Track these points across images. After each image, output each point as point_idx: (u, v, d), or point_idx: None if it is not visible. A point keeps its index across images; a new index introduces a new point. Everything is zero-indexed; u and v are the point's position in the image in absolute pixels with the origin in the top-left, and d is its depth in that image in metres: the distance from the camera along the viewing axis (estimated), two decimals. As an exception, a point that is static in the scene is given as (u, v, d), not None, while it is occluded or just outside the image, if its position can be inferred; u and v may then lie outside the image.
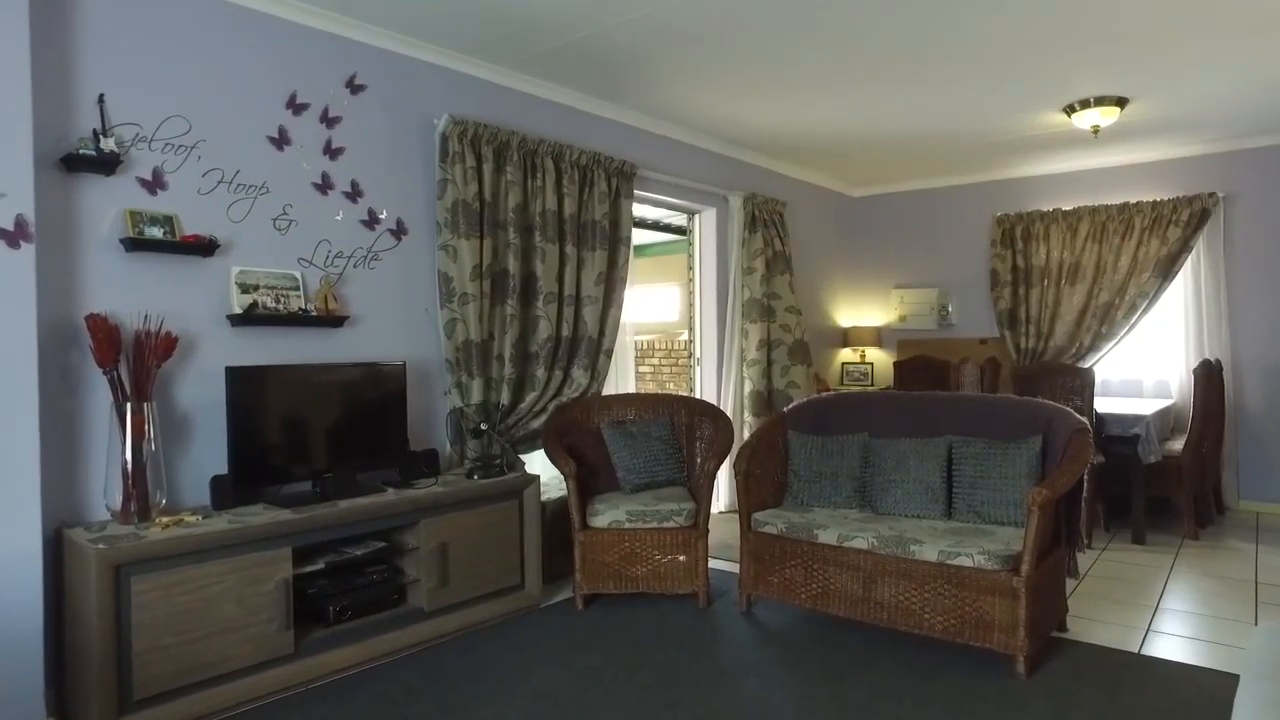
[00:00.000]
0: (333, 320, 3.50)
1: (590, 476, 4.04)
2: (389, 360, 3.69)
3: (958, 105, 4.84)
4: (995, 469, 3.41)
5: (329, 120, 3.54)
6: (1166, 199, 5.87)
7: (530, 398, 4.13)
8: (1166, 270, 5.82)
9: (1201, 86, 4.49)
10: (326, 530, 3.04)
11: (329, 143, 3.54)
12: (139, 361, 2.81)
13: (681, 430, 4.26)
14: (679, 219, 5.98)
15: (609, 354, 4.55)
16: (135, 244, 2.89)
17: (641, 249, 8.51)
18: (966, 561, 3.00)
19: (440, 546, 3.40)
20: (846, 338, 7.38)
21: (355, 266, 3.66)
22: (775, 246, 5.97)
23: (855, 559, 3.28)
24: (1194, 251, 5.81)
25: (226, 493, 2.99)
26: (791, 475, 3.88)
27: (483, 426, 3.77)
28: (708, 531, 3.75)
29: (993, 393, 5.88)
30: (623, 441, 4.05)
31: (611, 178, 4.66)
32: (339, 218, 3.59)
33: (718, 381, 5.78)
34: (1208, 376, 4.99)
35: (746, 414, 5.72)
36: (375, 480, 3.49)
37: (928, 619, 3.11)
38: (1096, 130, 4.82)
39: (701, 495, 3.78)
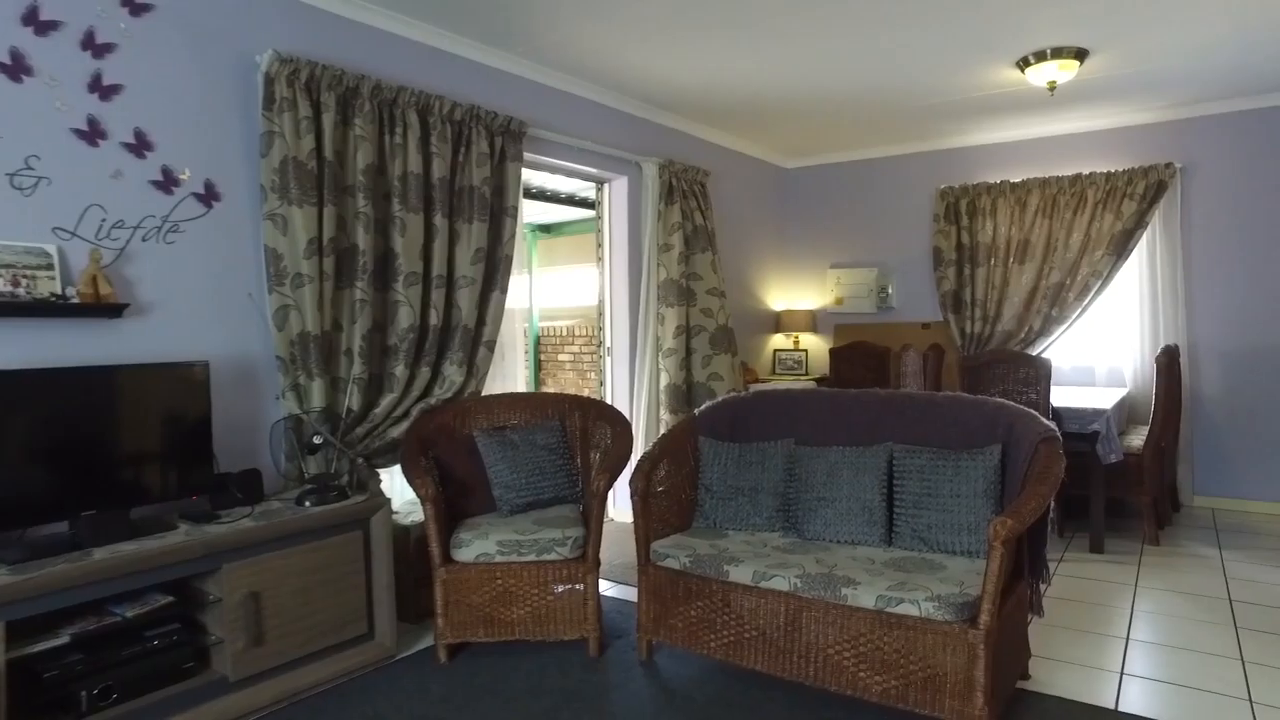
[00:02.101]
0: (107, 309, 2.69)
1: (461, 496, 3.32)
2: (189, 359, 2.90)
3: (899, 57, 4.20)
4: (945, 485, 2.79)
5: (96, 47, 2.71)
6: (1121, 170, 5.36)
7: (387, 401, 3.38)
8: (1121, 247, 5.32)
9: (1169, 36, 3.93)
10: (71, 591, 2.26)
11: (98, 77, 2.72)
12: None
13: (575, 437, 3.56)
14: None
15: (491, 346, 3.81)
16: None
17: (560, 227, 7.79)
18: (911, 609, 2.37)
19: (250, 596, 2.65)
20: (779, 322, 6.76)
21: (145, 240, 2.85)
22: (696, 220, 5.28)
23: (775, 603, 2.63)
24: (1150, 227, 5.33)
25: (-80, 546, 2.19)
26: (703, 491, 3.22)
27: (316, 440, 3.01)
28: (599, 563, 3.07)
29: (936, 383, 5.32)
30: (500, 453, 3.33)
31: (495, 136, 3.90)
32: (117, 176, 2.77)
33: (630, 374, 5.08)
34: (1169, 365, 4.49)
35: (663, 411, 5.04)
36: (171, 514, 2.72)
37: (863, 678, 2.48)
38: (1053, 87, 4.24)
39: (593, 519, 3.09)
